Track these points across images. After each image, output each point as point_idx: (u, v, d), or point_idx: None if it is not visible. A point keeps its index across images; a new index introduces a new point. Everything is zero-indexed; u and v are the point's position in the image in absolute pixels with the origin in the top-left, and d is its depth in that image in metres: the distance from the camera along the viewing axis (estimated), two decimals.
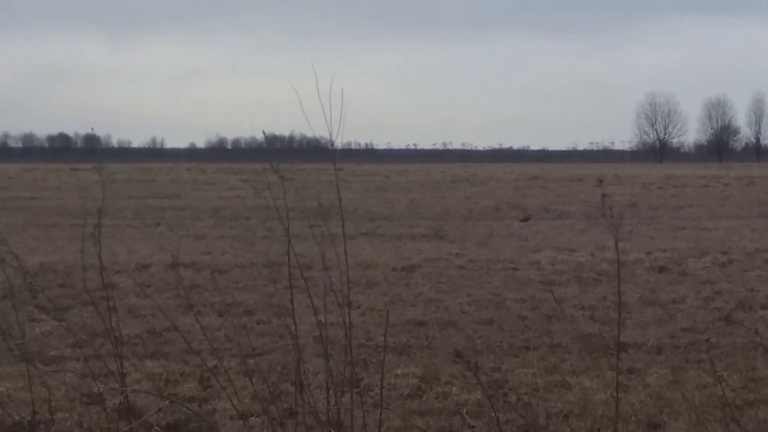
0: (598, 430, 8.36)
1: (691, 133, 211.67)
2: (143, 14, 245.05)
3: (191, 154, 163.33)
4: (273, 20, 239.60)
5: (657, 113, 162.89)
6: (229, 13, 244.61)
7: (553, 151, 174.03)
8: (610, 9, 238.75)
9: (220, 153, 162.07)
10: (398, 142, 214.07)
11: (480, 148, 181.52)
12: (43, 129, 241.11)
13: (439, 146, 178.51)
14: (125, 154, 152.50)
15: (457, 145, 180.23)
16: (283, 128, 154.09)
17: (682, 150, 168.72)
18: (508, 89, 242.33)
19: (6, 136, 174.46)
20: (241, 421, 8.86)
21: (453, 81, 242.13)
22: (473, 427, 9.11)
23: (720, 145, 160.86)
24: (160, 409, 9.12)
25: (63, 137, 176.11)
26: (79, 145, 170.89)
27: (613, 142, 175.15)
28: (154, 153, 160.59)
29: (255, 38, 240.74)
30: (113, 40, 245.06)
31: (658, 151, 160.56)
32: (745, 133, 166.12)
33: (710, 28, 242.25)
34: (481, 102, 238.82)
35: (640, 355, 12.22)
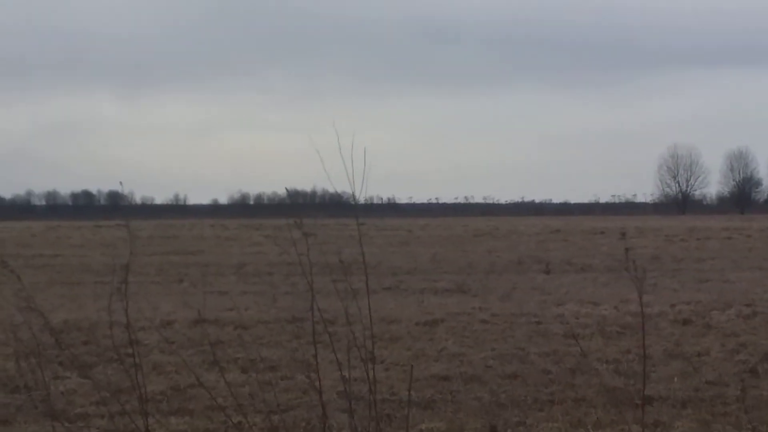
0: None
1: (713, 184, 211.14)
2: (155, 71, 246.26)
3: (214, 210, 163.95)
4: (288, 76, 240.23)
5: (679, 165, 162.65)
6: (243, 69, 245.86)
7: (574, 204, 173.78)
8: (630, 60, 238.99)
9: (243, 208, 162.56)
10: (420, 197, 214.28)
11: (502, 201, 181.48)
12: (66, 186, 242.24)
13: (461, 200, 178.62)
14: (148, 210, 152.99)
15: (478, 199, 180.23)
16: (305, 183, 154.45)
17: (704, 202, 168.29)
18: (528, 142, 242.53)
19: (30, 193, 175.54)
20: None
21: (473, 134, 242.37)
22: None
23: (742, 197, 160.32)
24: None
25: (86, 194, 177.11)
26: (102, 202, 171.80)
27: (635, 195, 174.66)
28: (177, 209, 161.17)
29: (271, 94, 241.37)
30: (128, 97, 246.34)
31: (680, 204, 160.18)
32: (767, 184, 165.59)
33: (731, 80, 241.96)
34: (502, 155, 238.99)
35: (666, 408, 12.17)
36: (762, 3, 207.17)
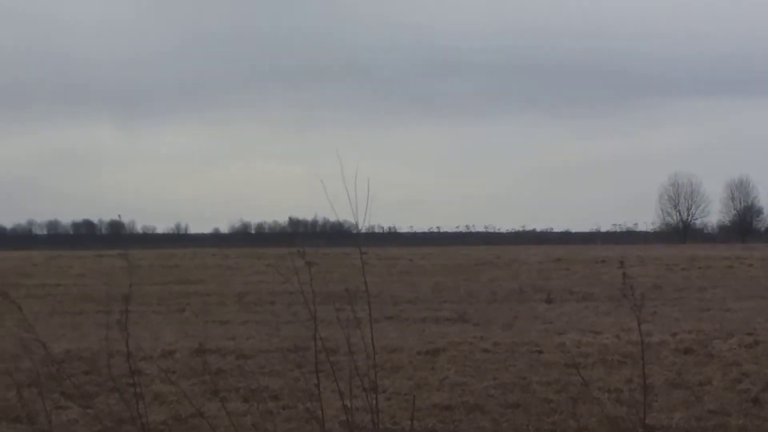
0: None
1: (714, 213, 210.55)
2: (156, 101, 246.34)
3: (215, 239, 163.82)
4: (289, 106, 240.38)
5: (680, 194, 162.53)
6: (244, 98, 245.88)
7: (576, 233, 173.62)
8: (631, 90, 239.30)
9: (244, 238, 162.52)
10: (421, 225, 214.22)
11: (503, 230, 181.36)
12: (67, 216, 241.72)
13: (462, 229, 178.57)
14: (149, 240, 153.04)
15: (480, 228, 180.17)
16: (306, 212, 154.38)
17: (705, 231, 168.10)
18: (529, 171, 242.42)
19: (31, 223, 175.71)
20: None
21: (474, 163, 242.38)
22: None
23: (743, 226, 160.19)
24: None
25: (87, 224, 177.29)
26: (104, 231, 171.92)
27: (636, 224, 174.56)
28: (179, 238, 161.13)
29: (272, 124, 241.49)
30: (129, 127, 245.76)
31: (681, 232, 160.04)
32: None
33: (731, 108, 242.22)
34: (503, 184, 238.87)
35: None
36: (760, 32, 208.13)
